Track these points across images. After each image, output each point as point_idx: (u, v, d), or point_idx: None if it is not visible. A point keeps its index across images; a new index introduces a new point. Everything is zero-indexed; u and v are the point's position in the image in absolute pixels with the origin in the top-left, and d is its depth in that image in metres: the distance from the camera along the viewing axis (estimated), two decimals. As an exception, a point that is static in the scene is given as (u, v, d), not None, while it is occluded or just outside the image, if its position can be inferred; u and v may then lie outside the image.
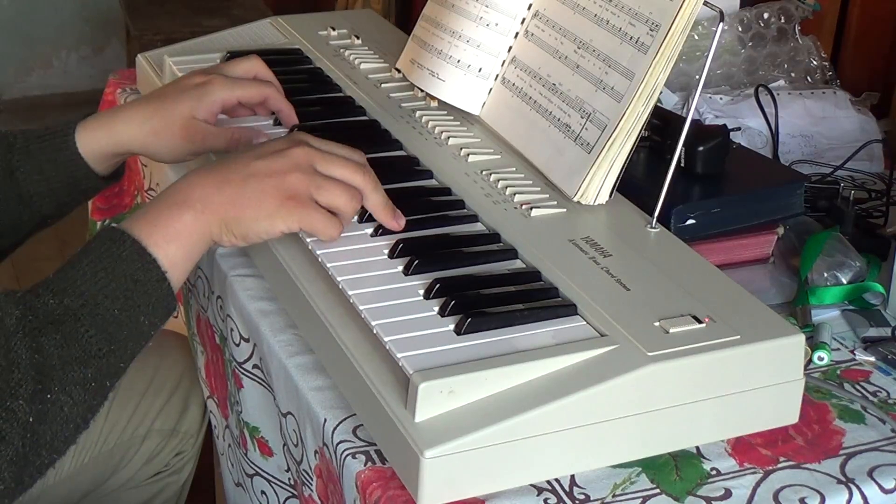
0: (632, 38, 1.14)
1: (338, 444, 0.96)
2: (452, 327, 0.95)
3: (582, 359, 0.92)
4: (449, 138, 1.27)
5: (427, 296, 0.99)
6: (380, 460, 0.94)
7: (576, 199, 1.14)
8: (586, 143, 1.15)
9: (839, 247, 1.23)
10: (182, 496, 1.58)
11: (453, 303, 0.96)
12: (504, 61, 1.30)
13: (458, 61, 1.31)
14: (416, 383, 0.87)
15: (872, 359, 1.12)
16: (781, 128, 1.52)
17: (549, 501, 0.91)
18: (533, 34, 1.27)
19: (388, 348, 0.93)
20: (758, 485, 0.94)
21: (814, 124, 1.55)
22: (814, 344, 1.11)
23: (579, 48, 1.20)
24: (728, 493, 0.93)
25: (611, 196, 1.14)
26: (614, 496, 0.92)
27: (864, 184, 1.46)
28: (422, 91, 1.36)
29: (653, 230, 1.11)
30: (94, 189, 1.25)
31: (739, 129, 1.43)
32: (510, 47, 1.29)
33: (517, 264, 1.06)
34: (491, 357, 0.91)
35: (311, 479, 1.04)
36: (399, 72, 1.41)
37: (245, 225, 1.02)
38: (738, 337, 0.95)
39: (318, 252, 1.05)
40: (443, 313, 0.96)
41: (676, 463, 0.96)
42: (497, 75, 1.30)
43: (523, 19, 1.29)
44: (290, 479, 1.14)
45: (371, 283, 1.01)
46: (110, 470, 1.47)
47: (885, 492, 0.95)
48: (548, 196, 1.16)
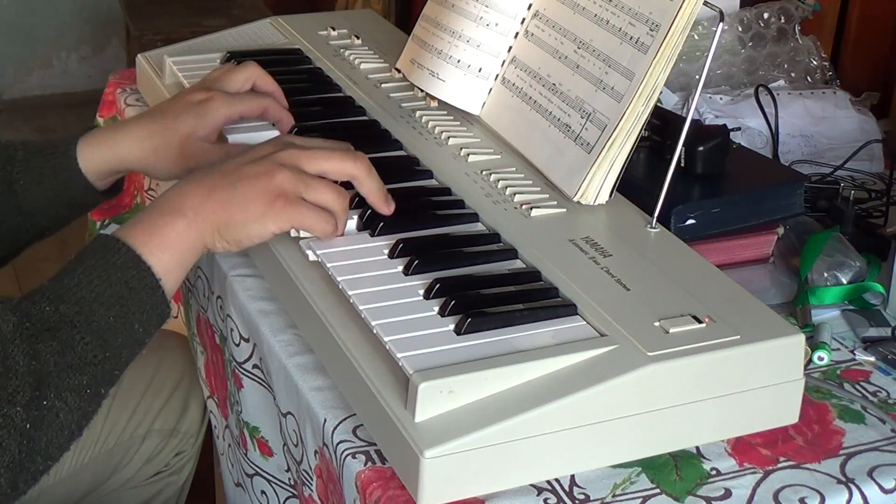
0: (632, 38, 1.14)
1: (338, 444, 0.96)
2: (452, 327, 0.95)
3: (582, 359, 0.92)
4: (449, 138, 1.27)
5: (427, 296, 0.99)
6: (380, 460, 0.93)
7: (576, 199, 1.14)
8: (586, 143, 1.15)
9: (839, 247, 1.23)
10: (182, 496, 1.58)
11: (453, 303, 0.96)
12: (504, 61, 1.30)
13: (458, 61, 1.31)
14: (416, 383, 0.87)
15: (872, 359, 1.12)
16: (781, 128, 1.52)
17: (549, 501, 0.91)
18: (533, 34, 1.27)
19: (388, 348, 0.93)
20: (758, 485, 0.94)
21: (814, 124, 1.55)
22: (814, 344, 1.11)
23: (579, 48, 1.20)
24: (728, 493, 0.93)
25: (611, 196, 1.14)
26: (614, 496, 0.92)
27: (864, 184, 1.46)
28: (422, 91, 1.36)
29: (653, 230, 1.11)
30: (92, 203, 1.25)
31: (739, 129, 1.43)
32: (510, 47, 1.29)
33: (517, 264, 1.06)
34: (491, 357, 0.91)
35: (311, 479, 1.04)
36: (399, 72, 1.41)
37: (236, 229, 1.02)
38: (738, 337, 0.95)
39: (318, 252, 1.05)
40: (443, 313, 0.96)
41: (676, 463, 0.96)
42: (497, 75, 1.30)
43: (523, 19, 1.29)
44: (290, 479, 1.13)
45: (371, 283, 1.01)
46: (110, 470, 1.47)
47: (885, 492, 0.95)
48: (548, 196, 1.15)
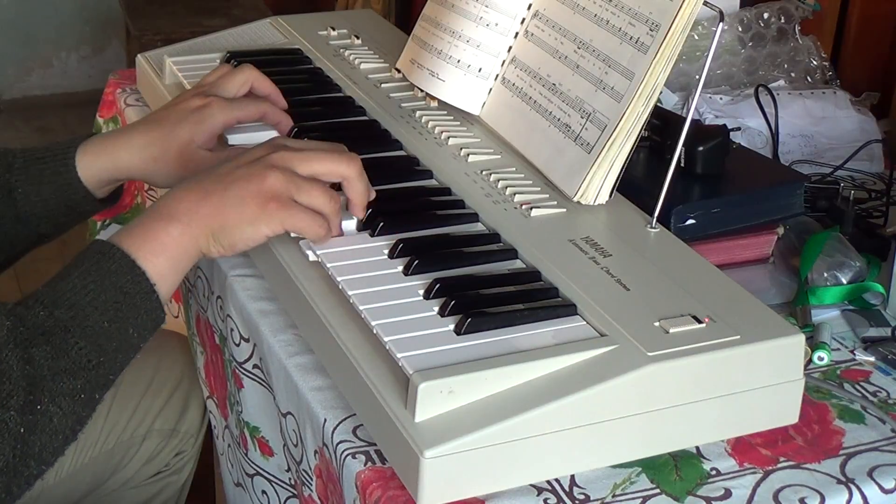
0: (632, 38, 1.14)
1: (338, 444, 0.96)
2: (452, 327, 0.95)
3: (582, 359, 0.92)
4: (449, 138, 1.27)
5: (427, 296, 0.99)
6: (380, 460, 0.93)
7: (576, 199, 1.14)
8: (586, 143, 1.15)
9: (839, 247, 1.23)
10: (182, 496, 1.58)
11: (453, 303, 0.96)
12: (504, 61, 1.30)
13: (458, 61, 1.31)
14: (416, 383, 0.87)
15: (872, 359, 1.12)
16: (781, 128, 1.52)
17: (549, 501, 0.91)
18: (533, 34, 1.27)
19: (388, 348, 0.93)
20: (758, 485, 0.94)
21: (814, 124, 1.55)
22: (814, 344, 1.11)
23: (579, 48, 1.20)
24: (728, 493, 0.93)
25: (611, 196, 1.14)
26: (614, 496, 0.92)
27: (864, 184, 1.46)
28: (422, 91, 1.36)
29: (653, 230, 1.11)
30: (91, 211, 1.25)
31: (739, 129, 1.43)
32: (510, 47, 1.29)
33: (517, 264, 1.06)
34: (491, 357, 0.91)
35: (311, 479, 1.04)
36: (399, 72, 1.41)
37: (230, 233, 1.02)
38: (738, 337, 0.95)
39: (318, 252, 1.05)
40: (443, 313, 0.96)
41: (676, 463, 0.96)
42: (497, 75, 1.30)
43: (523, 19, 1.29)
44: (290, 479, 1.13)
45: (371, 283, 1.01)
46: (110, 470, 1.47)
47: (885, 492, 0.95)
48: (548, 196, 1.15)
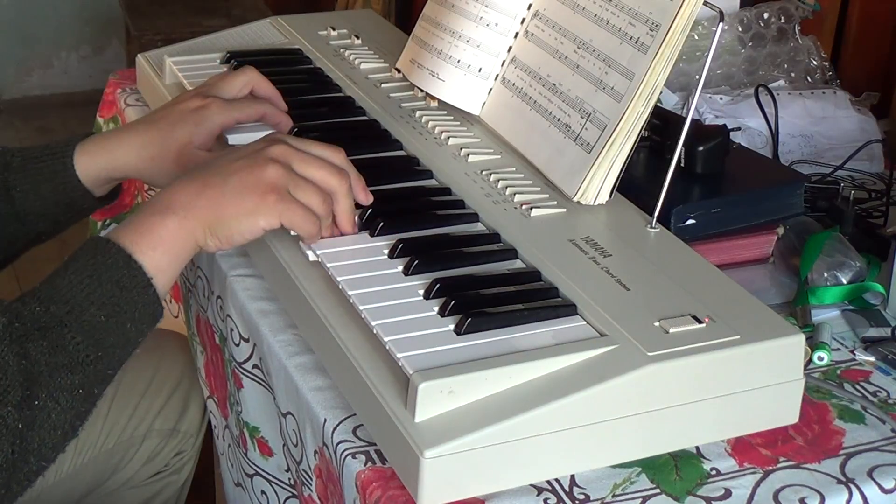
0: (632, 38, 1.14)
1: (338, 444, 0.96)
2: (452, 327, 0.95)
3: (582, 359, 0.92)
4: (449, 138, 1.27)
5: (427, 296, 0.99)
6: (380, 460, 0.93)
7: (576, 199, 1.14)
8: (586, 143, 1.15)
9: (839, 247, 1.23)
10: (182, 496, 1.58)
11: (453, 303, 0.96)
12: (504, 61, 1.30)
13: (458, 61, 1.31)
14: (416, 383, 0.87)
15: (872, 359, 1.12)
16: (781, 128, 1.52)
17: (549, 501, 0.91)
18: (533, 34, 1.27)
19: (388, 348, 0.93)
20: (758, 485, 0.94)
21: (814, 124, 1.55)
22: (814, 344, 1.11)
23: (579, 48, 1.20)
24: (728, 493, 0.93)
25: (611, 196, 1.14)
26: (614, 496, 0.92)
27: (864, 184, 1.46)
28: (422, 91, 1.36)
29: (653, 230, 1.11)
30: (90, 209, 1.25)
31: (739, 129, 1.42)
32: (510, 47, 1.29)
33: (517, 264, 1.06)
34: (491, 357, 0.91)
35: (311, 479, 1.04)
36: (399, 72, 1.41)
37: (227, 225, 1.01)
38: (738, 337, 0.95)
39: (318, 252, 1.05)
40: (443, 313, 0.96)
41: (676, 463, 0.96)
42: (497, 75, 1.30)
43: (523, 19, 1.29)
44: (290, 479, 1.13)
45: (371, 283, 1.01)
46: (110, 470, 1.47)
47: (885, 492, 0.95)
48: (548, 196, 1.15)
